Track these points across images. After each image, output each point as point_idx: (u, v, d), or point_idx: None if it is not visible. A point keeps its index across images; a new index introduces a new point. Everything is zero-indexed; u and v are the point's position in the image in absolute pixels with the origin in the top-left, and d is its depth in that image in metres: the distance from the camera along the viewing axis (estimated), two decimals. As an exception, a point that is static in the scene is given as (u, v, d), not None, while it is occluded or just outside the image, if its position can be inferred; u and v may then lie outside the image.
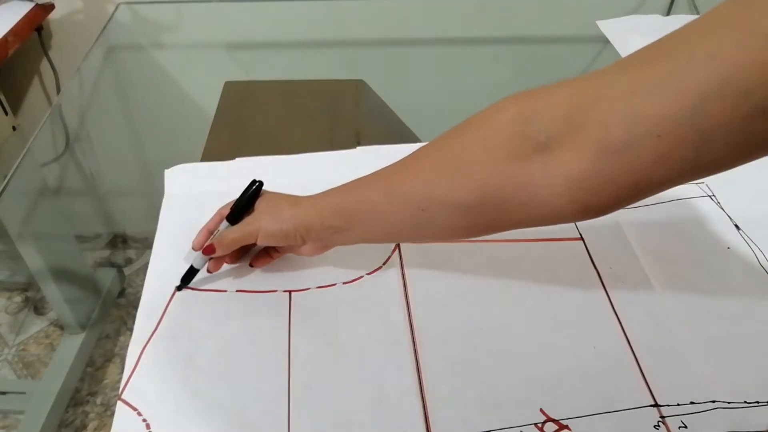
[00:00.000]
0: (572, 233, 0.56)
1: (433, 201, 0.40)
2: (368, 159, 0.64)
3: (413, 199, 0.41)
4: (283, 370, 0.45)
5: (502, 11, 1.10)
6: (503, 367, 0.45)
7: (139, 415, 0.43)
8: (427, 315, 0.49)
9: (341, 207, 0.45)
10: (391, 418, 0.42)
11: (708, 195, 0.60)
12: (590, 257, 0.54)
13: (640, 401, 0.43)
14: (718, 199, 0.59)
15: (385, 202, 0.43)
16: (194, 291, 0.51)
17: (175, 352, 0.46)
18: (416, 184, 0.41)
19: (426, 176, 0.41)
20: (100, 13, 1.05)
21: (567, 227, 0.56)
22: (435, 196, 0.40)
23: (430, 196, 0.40)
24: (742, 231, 0.56)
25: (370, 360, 0.46)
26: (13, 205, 0.93)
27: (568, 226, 0.56)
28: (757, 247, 0.54)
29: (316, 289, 0.51)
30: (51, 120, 0.90)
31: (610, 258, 0.53)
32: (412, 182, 0.41)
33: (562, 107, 0.34)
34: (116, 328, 0.41)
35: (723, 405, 0.43)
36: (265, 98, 0.78)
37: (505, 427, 0.42)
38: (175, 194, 0.60)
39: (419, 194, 0.41)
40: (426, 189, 0.40)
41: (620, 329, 0.48)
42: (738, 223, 0.56)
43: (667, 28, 0.68)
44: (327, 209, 0.45)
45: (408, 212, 0.42)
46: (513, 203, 0.37)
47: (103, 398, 1.16)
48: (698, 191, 0.60)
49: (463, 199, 0.39)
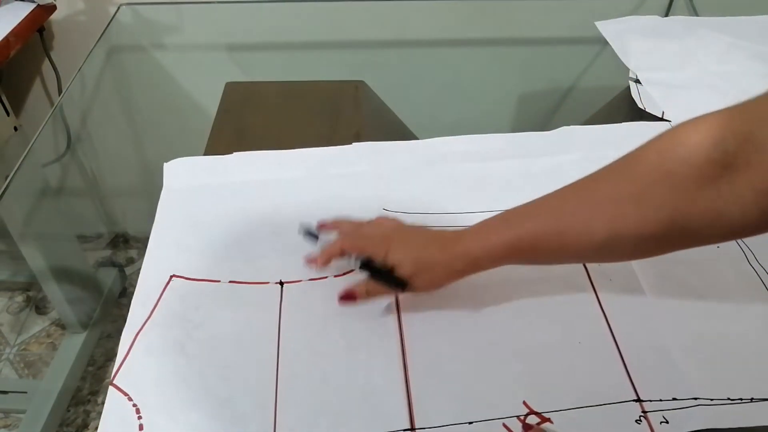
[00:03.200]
0: None
1: (614, 237, 0.40)
2: (364, 154, 0.65)
3: (592, 236, 0.41)
4: (272, 360, 0.46)
5: (501, 12, 1.10)
6: (488, 361, 0.46)
7: (130, 400, 0.44)
8: (415, 309, 0.50)
9: (513, 245, 0.44)
10: (377, 409, 0.43)
11: None
12: None
13: (623, 396, 0.44)
14: None
15: (558, 240, 0.42)
16: (188, 281, 0.52)
17: (168, 339, 0.47)
18: (594, 221, 0.41)
19: (604, 212, 0.41)
20: (101, 13, 1.06)
21: None
22: (617, 232, 0.40)
23: (611, 233, 0.40)
24: None
25: (358, 352, 0.47)
26: (15, 205, 0.94)
27: None
28: (747, 247, 0.55)
29: (307, 281, 0.52)
30: (52, 120, 0.91)
31: None
32: (588, 219, 0.41)
33: (742, 128, 0.36)
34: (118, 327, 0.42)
35: (705, 402, 0.44)
36: (266, 99, 0.78)
37: (489, 418, 0.43)
38: (173, 187, 0.61)
39: (599, 231, 0.41)
40: (607, 226, 0.40)
41: (606, 326, 0.49)
42: None
43: (665, 29, 0.68)
44: (498, 249, 0.44)
45: (585, 247, 0.42)
46: (701, 226, 0.38)
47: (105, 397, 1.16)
48: None
49: (649, 232, 0.39)
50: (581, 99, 1.21)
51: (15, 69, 1.14)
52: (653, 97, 0.73)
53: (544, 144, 0.66)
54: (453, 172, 0.63)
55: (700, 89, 0.75)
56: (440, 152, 0.65)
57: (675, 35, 0.84)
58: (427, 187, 0.61)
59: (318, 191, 0.60)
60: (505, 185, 0.61)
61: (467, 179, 0.62)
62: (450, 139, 0.67)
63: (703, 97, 0.73)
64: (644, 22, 0.87)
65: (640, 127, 0.69)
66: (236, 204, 0.59)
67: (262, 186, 0.61)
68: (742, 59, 0.79)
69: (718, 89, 0.74)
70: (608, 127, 0.69)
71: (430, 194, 0.60)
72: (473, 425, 0.42)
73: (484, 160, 0.64)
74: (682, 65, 0.78)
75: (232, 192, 0.60)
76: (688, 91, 0.74)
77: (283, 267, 0.53)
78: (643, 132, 0.67)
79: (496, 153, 0.65)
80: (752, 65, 0.78)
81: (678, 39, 0.83)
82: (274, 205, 0.59)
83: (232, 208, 0.59)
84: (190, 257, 0.54)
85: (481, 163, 0.64)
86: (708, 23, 0.87)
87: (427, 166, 0.64)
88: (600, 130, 0.68)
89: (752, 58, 0.79)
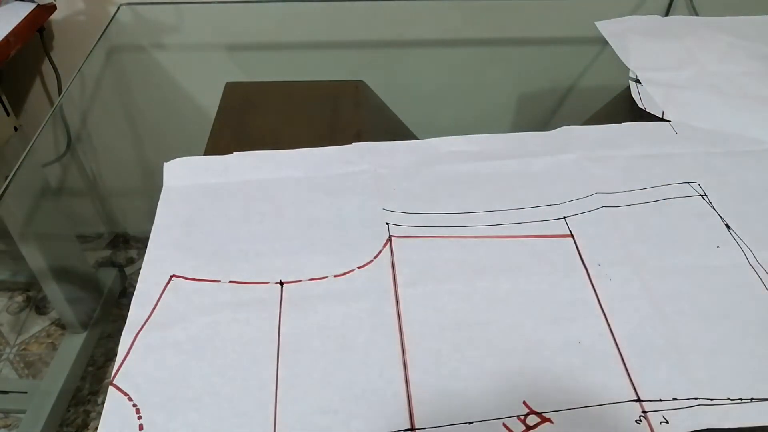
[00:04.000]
0: (562, 230, 0.56)
1: None
2: (364, 154, 0.65)
3: None
4: (272, 360, 0.46)
5: (501, 12, 1.10)
6: (489, 360, 0.46)
7: (130, 400, 0.44)
8: (415, 308, 0.50)
9: None
10: (377, 409, 0.43)
11: (699, 194, 0.60)
12: (579, 254, 0.54)
13: (623, 396, 0.44)
14: (709, 199, 0.60)
15: None
16: (188, 281, 0.52)
17: (168, 339, 0.47)
18: None
19: None
20: (101, 14, 1.06)
21: (557, 224, 0.57)
22: None
23: None
24: (732, 230, 0.56)
25: (358, 351, 0.47)
26: (15, 205, 0.94)
27: (558, 223, 0.57)
28: (747, 246, 0.55)
29: (307, 281, 0.52)
30: (52, 120, 0.91)
31: (599, 255, 0.54)
32: None
33: None
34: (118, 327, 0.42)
35: (705, 402, 0.44)
36: (266, 99, 0.78)
37: (489, 418, 0.43)
38: (173, 187, 0.61)
39: None
40: None
41: (606, 325, 0.49)
42: (728, 222, 0.57)
43: (665, 29, 0.69)
44: None
45: None
46: None
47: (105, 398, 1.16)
48: (690, 191, 0.60)
49: None
50: (581, 99, 1.21)
51: (15, 69, 1.15)
52: (653, 97, 0.73)
53: (544, 144, 0.66)
54: (453, 172, 0.63)
55: (700, 89, 0.75)
56: (440, 152, 0.65)
57: (675, 35, 0.84)
58: (426, 187, 0.61)
59: (317, 191, 0.60)
60: (505, 185, 0.61)
61: (467, 179, 0.62)
62: (449, 139, 0.67)
63: (703, 97, 0.73)
64: (644, 22, 0.87)
65: (639, 127, 0.69)
66: (236, 204, 0.59)
67: (262, 186, 0.61)
68: (742, 59, 0.79)
69: (718, 89, 0.74)
70: (607, 127, 0.69)
71: (430, 194, 0.60)
72: (473, 425, 0.42)
73: (483, 160, 0.64)
74: (682, 65, 0.78)
75: (231, 192, 0.60)
76: (688, 91, 0.74)
77: (282, 267, 0.53)
78: (643, 132, 0.68)
79: (495, 153, 0.65)
80: (752, 65, 0.78)
81: (678, 39, 0.83)
82: (273, 204, 0.59)
83: (232, 207, 0.59)
84: (190, 257, 0.54)
85: (481, 163, 0.64)
86: (708, 23, 0.87)
87: (427, 166, 0.64)
88: (599, 129, 0.69)
89: (752, 58, 0.79)
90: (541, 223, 0.57)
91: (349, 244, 0.55)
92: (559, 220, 0.58)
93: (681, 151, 0.65)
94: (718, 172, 0.63)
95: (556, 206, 0.59)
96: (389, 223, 0.57)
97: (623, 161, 0.64)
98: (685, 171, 0.63)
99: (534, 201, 0.59)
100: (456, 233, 0.56)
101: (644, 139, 0.67)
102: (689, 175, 0.62)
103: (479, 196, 0.60)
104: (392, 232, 0.56)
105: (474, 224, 0.57)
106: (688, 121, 0.70)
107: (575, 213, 0.58)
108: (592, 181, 0.61)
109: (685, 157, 0.65)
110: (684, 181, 0.61)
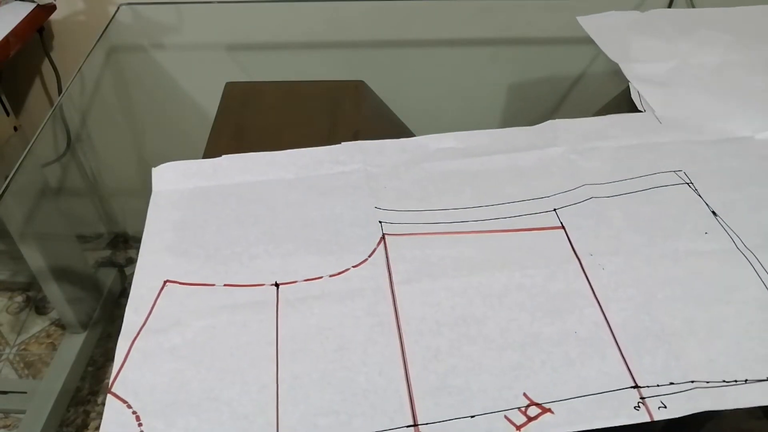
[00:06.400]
0: (554, 222, 0.57)
1: None
2: (354, 153, 0.65)
3: None
4: (271, 362, 0.46)
5: (501, 12, 1.10)
6: (488, 354, 0.46)
7: (129, 407, 0.44)
8: (412, 305, 0.50)
9: None
10: (378, 407, 0.43)
11: (686, 182, 0.61)
12: (571, 245, 0.54)
13: (621, 383, 0.44)
14: (695, 186, 0.60)
15: None
16: (182, 285, 0.52)
17: (164, 345, 0.47)
18: None
19: None
20: (101, 13, 1.06)
21: (548, 216, 0.57)
22: None
23: None
24: (719, 217, 0.57)
25: (357, 350, 0.47)
26: (15, 205, 0.94)
27: (549, 216, 0.57)
28: (733, 232, 0.55)
29: (303, 282, 0.52)
30: (52, 120, 0.91)
31: (590, 245, 0.54)
32: None
33: None
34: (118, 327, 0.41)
35: (702, 384, 0.44)
36: (266, 99, 0.78)
37: (490, 411, 0.43)
38: (162, 191, 0.61)
39: None
40: None
41: (601, 314, 0.49)
42: (715, 209, 0.58)
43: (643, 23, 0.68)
44: None
45: None
46: None
47: (105, 398, 1.16)
48: (676, 179, 0.61)
49: None
50: (581, 99, 1.21)
51: (14, 69, 1.15)
52: (637, 88, 0.74)
53: (531, 138, 0.67)
54: (443, 169, 0.63)
55: (683, 80, 0.75)
56: (429, 149, 0.66)
57: (656, 28, 0.85)
58: (417, 184, 0.61)
59: (309, 191, 0.60)
60: (495, 180, 0.62)
61: (457, 175, 0.62)
62: (438, 136, 0.67)
63: (685, 87, 0.74)
64: (625, 16, 0.87)
65: (624, 118, 0.69)
66: (228, 206, 0.59)
67: (253, 188, 0.61)
68: (722, 50, 0.80)
69: (700, 79, 0.75)
70: (593, 119, 0.69)
71: (421, 191, 0.60)
72: (475, 419, 0.43)
73: (472, 156, 0.65)
74: (664, 57, 0.79)
75: (222, 195, 0.60)
76: (671, 82, 0.75)
77: (277, 268, 0.53)
78: (628, 123, 0.69)
79: (483, 148, 0.66)
80: (732, 55, 0.79)
81: (659, 31, 0.84)
82: (265, 206, 0.59)
83: (224, 210, 0.59)
84: (184, 262, 0.54)
85: (470, 159, 0.64)
86: (688, 15, 0.88)
87: (417, 163, 0.64)
88: (585, 122, 0.69)
89: (732, 48, 0.80)
90: (532, 217, 0.57)
91: (343, 243, 0.55)
92: (550, 212, 0.58)
93: (666, 140, 0.66)
94: (702, 160, 0.63)
95: (546, 199, 0.59)
96: (382, 222, 0.57)
97: (610, 152, 0.64)
98: (670, 160, 0.63)
99: (524, 195, 0.60)
100: (449, 229, 0.56)
101: (629, 130, 0.67)
102: (675, 163, 0.63)
103: (470, 192, 0.60)
104: (385, 230, 0.56)
105: (466, 220, 0.57)
106: (672, 111, 0.70)
107: (565, 205, 0.58)
108: (581, 173, 0.62)
109: (670, 146, 0.65)
110: (670, 170, 0.62)
